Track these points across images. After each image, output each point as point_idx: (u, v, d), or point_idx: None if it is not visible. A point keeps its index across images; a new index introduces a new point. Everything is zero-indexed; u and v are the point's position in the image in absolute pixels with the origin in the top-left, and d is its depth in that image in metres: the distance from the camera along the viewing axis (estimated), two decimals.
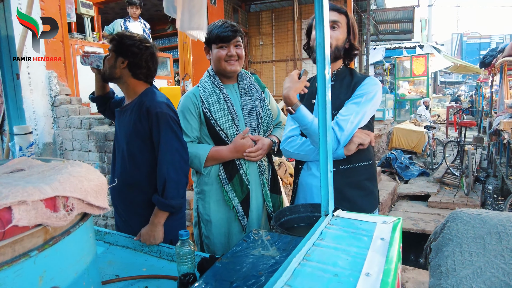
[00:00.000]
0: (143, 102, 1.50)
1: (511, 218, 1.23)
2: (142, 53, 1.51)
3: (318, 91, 0.99)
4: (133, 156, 1.53)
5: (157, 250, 1.51)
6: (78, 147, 3.44)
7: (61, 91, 3.61)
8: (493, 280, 1.06)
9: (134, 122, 1.50)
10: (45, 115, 3.51)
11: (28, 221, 0.63)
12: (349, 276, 0.69)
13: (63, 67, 3.78)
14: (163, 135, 1.44)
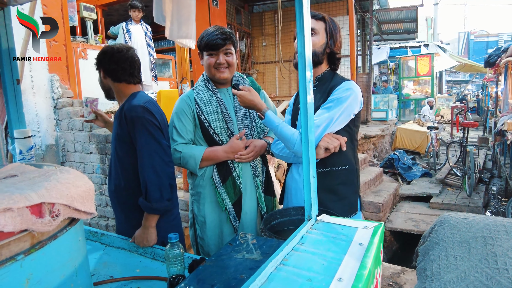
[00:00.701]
0: (122, 107, 1.56)
1: (497, 222, 1.24)
2: (109, 56, 1.57)
3: (300, 97, 1.01)
4: (121, 160, 1.57)
5: (151, 252, 1.55)
6: (80, 149, 3.50)
7: (63, 93, 3.67)
8: (476, 284, 1.08)
9: (117, 127, 1.55)
10: (47, 118, 3.57)
11: (13, 227, 0.66)
12: (322, 281, 0.71)
13: (65, 70, 3.84)
14: (139, 138, 1.46)
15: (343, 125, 1.48)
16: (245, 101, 1.50)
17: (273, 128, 1.48)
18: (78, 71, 3.97)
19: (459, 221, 1.28)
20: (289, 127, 1.49)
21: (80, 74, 4.00)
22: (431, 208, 5.16)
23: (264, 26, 9.00)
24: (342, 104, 1.43)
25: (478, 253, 1.16)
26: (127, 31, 4.44)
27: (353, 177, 1.56)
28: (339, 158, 1.50)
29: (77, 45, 4.08)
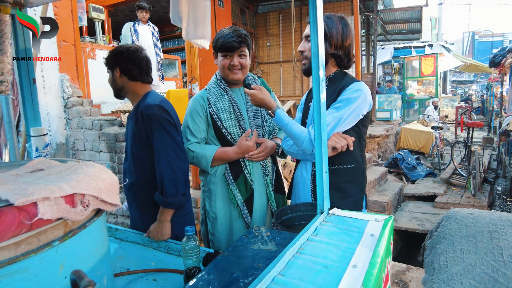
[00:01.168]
0: (138, 106, 1.61)
1: (502, 217, 1.28)
2: (126, 55, 1.63)
3: (313, 96, 1.06)
4: (137, 158, 1.63)
5: (165, 246, 1.60)
6: (90, 147, 3.56)
7: (73, 93, 3.74)
8: (483, 276, 1.12)
9: (133, 126, 1.61)
10: (58, 117, 3.64)
11: (51, 214, 0.71)
12: (338, 267, 0.76)
13: (74, 70, 3.91)
14: (156, 136, 1.53)
15: (352, 125, 1.52)
16: (256, 99, 1.55)
17: (283, 126, 1.53)
18: (87, 71, 4.04)
19: (466, 216, 1.32)
20: (298, 125, 1.53)
21: (89, 74, 4.06)
22: (435, 207, 5.17)
23: (268, 27, 9.04)
24: (351, 105, 1.47)
25: (484, 246, 1.20)
26: (134, 32, 4.50)
27: (359, 176, 1.60)
28: (346, 157, 1.54)
29: (86, 45, 4.14)
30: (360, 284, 0.68)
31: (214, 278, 0.89)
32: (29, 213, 0.69)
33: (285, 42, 8.93)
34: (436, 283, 1.13)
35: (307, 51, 1.60)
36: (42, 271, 0.72)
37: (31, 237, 0.71)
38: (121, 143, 3.25)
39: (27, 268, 0.69)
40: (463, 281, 1.11)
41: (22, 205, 0.68)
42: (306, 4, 8.46)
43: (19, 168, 1.04)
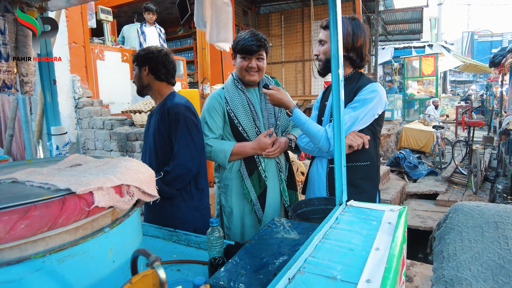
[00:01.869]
0: (165, 104, 1.71)
1: (507, 209, 1.36)
2: (157, 56, 1.73)
3: (333, 97, 1.14)
4: (158, 153, 1.72)
5: (185, 239, 1.67)
6: (100, 146, 3.64)
7: (83, 93, 3.81)
8: (490, 263, 1.20)
9: (157, 122, 1.70)
10: (69, 117, 3.72)
11: (104, 203, 0.79)
12: (362, 250, 0.84)
13: (84, 71, 3.99)
14: (178, 132, 1.65)
15: (367, 124, 1.60)
16: (274, 99, 1.62)
17: (300, 125, 1.60)
18: (96, 71, 4.12)
19: (472, 208, 1.40)
20: (315, 124, 1.61)
21: (97, 75, 4.14)
22: (437, 205, 5.26)
23: (270, 27, 9.12)
24: (367, 105, 1.55)
25: (490, 236, 1.28)
26: (141, 33, 4.58)
27: (373, 173, 1.68)
28: (361, 155, 1.61)
29: (95, 46, 4.22)
30: (385, 263, 0.76)
31: (246, 262, 0.97)
32: (87, 201, 0.76)
33: (287, 42, 9.02)
34: (446, 270, 1.21)
35: (321, 54, 1.68)
36: (96, 254, 0.80)
37: (87, 223, 0.78)
38: (132, 142, 3.33)
39: (85, 250, 0.77)
40: (471, 268, 1.19)
41: (82, 194, 0.76)
42: (309, 5, 8.54)
43: (58, 163, 1.12)
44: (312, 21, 7.56)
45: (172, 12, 8.43)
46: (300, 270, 0.76)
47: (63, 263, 0.74)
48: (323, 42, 1.68)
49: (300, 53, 8.86)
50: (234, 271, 0.93)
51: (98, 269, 0.81)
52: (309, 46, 8.76)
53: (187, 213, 1.73)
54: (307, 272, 0.75)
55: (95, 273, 0.80)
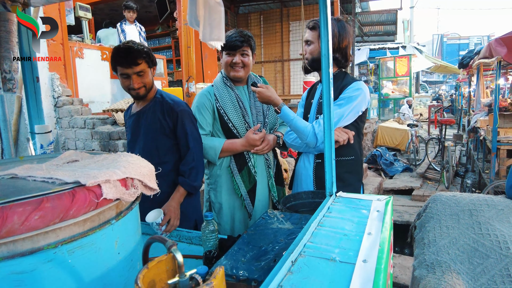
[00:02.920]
0: (164, 102, 1.71)
1: (480, 198, 1.48)
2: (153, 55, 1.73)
3: (323, 94, 1.20)
4: (159, 151, 1.72)
5: (176, 235, 1.69)
6: (82, 146, 3.57)
7: (63, 92, 3.72)
8: (465, 246, 1.30)
9: (159, 120, 1.69)
10: (48, 116, 3.62)
11: (112, 195, 0.81)
12: (356, 235, 0.90)
13: (63, 69, 3.89)
14: (188, 128, 1.68)
15: (352, 120, 1.68)
16: (263, 97, 1.68)
17: (289, 121, 1.67)
18: (75, 70, 4.03)
19: (449, 198, 1.51)
20: (302, 120, 1.68)
21: (76, 73, 4.05)
22: (413, 200, 5.49)
23: (250, 27, 9.17)
24: (352, 102, 1.63)
25: (465, 222, 1.39)
26: (122, 31, 4.51)
27: (358, 167, 1.76)
28: (347, 150, 1.70)
29: (74, 44, 4.12)
30: (378, 245, 0.83)
31: (245, 250, 1.02)
32: (96, 193, 0.79)
33: (266, 42, 9.10)
34: (427, 255, 1.31)
35: (307, 54, 1.75)
36: (103, 246, 0.82)
37: (94, 215, 0.81)
38: (115, 141, 3.28)
39: (93, 242, 0.79)
40: (450, 252, 1.29)
41: (91, 186, 0.78)
42: (288, 6, 8.66)
43: (55, 159, 1.13)
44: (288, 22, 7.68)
45: (150, 10, 8.32)
46: (301, 254, 0.81)
47: (73, 254, 0.76)
48: (309, 42, 1.75)
49: (279, 53, 8.97)
50: (235, 259, 0.98)
51: (105, 260, 0.84)
52: (288, 46, 8.88)
53: (188, 206, 1.75)
54: (308, 255, 0.81)
55: (102, 264, 0.83)
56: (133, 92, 1.67)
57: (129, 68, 1.60)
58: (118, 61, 1.61)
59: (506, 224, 1.33)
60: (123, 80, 1.65)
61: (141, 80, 1.64)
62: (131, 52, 1.58)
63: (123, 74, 1.62)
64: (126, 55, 1.59)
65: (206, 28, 1.37)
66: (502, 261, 1.21)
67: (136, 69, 1.61)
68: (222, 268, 0.61)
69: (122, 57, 1.59)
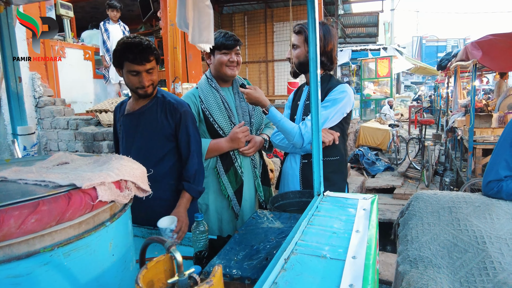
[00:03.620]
0: (166, 102, 1.63)
1: (458, 195, 1.55)
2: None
3: (311, 98, 1.24)
4: (157, 151, 1.65)
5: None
6: (64, 147, 3.49)
7: (44, 92, 3.63)
8: (445, 242, 1.37)
9: (161, 120, 1.61)
10: (29, 117, 3.52)
11: (107, 197, 0.82)
12: (344, 233, 0.94)
13: (44, 68, 3.80)
14: (190, 131, 1.63)
15: (337, 122, 1.73)
16: (251, 98, 1.70)
17: (276, 122, 1.70)
18: (57, 69, 3.94)
19: (430, 196, 1.58)
20: (289, 121, 1.71)
21: (58, 73, 3.96)
22: (394, 198, 5.64)
23: (234, 27, 9.17)
24: (337, 104, 1.68)
25: (445, 219, 1.46)
26: (105, 30, 4.44)
27: (342, 167, 1.82)
28: (332, 150, 1.74)
29: (55, 43, 4.03)
30: (366, 242, 0.87)
31: (237, 250, 1.04)
32: (91, 196, 0.79)
33: (250, 43, 9.12)
34: (410, 251, 1.37)
35: (294, 58, 1.78)
36: (98, 248, 0.83)
37: (89, 218, 0.81)
38: (99, 142, 3.23)
39: (88, 244, 0.80)
40: (431, 247, 1.36)
41: (86, 189, 0.78)
42: (272, 7, 8.72)
43: (44, 162, 1.12)
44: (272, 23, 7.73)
45: (133, 9, 8.19)
46: (293, 251, 0.85)
47: (68, 256, 0.76)
48: (295, 46, 1.79)
49: (264, 54, 9.01)
50: (228, 258, 1.00)
51: (100, 262, 0.84)
52: (272, 47, 8.93)
53: (190, 210, 1.73)
54: (300, 253, 0.84)
55: (97, 266, 0.84)
56: (141, 91, 1.56)
57: (141, 65, 1.49)
58: (128, 57, 1.48)
59: (483, 220, 1.41)
60: (131, 78, 1.53)
61: (151, 78, 1.55)
62: (143, 48, 1.47)
63: (132, 71, 1.50)
64: (138, 51, 1.46)
65: (195, 31, 1.38)
66: (479, 255, 1.28)
67: (148, 66, 1.51)
68: (220, 266, 0.63)
69: (134, 53, 1.47)
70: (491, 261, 1.23)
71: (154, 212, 1.70)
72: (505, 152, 1.47)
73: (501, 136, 1.53)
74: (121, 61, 1.52)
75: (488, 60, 4.21)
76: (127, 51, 1.47)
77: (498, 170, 1.47)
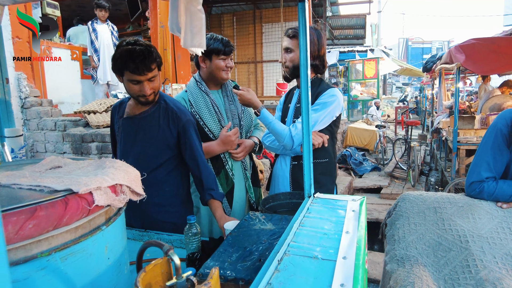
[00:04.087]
0: (169, 109, 1.59)
1: (443, 196, 1.61)
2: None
3: (302, 101, 1.27)
4: (157, 158, 1.61)
5: (157, 238, 1.71)
6: (52, 149, 3.44)
7: (30, 93, 3.57)
8: (431, 241, 1.42)
9: (163, 128, 1.58)
10: (15, 118, 3.45)
11: (103, 202, 0.83)
12: (335, 234, 0.98)
13: (30, 68, 3.74)
14: (195, 139, 1.60)
15: (327, 125, 1.77)
16: (244, 99, 1.73)
17: (267, 124, 1.73)
18: (43, 69, 3.88)
19: (417, 197, 1.63)
20: (280, 123, 1.75)
21: (45, 73, 3.90)
22: (381, 198, 5.74)
23: (223, 28, 9.18)
24: (327, 108, 1.72)
25: (431, 219, 1.51)
26: (93, 30, 4.39)
27: (332, 169, 1.86)
28: (321, 152, 1.78)
29: (41, 42, 3.97)
30: (355, 243, 0.91)
31: (230, 251, 1.06)
32: (88, 201, 0.80)
33: (239, 44, 9.14)
34: (397, 250, 1.41)
35: (288, 62, 1.81)
36: (94, 252, 0.84)
37: (85, 222, 0.82)
38: (87, 144, 3.20)
39: (85, 248, 0.81)
40: (417, 247, 1.41)
41: (83, 194, 0.79)
42: (260, 8, 8.75)
43: (36, 165, 1.12)
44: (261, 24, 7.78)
45: (120, 8, 8.12)
46: (286, 253, 0.87)
47: (65, 261, 0.77)
48: (290, 50, 1.82)
49: (252, 55, 9.04)
50: (221, 260, 1.02)
51: (96, 266, 0.85)
52: (261, 48, 8.98)
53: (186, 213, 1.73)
54: (292, 254, 0.87)
55: (93, 269, 0.85)
56: (142, 99, 1.51)
57: (143, 75, 1.42)
58: (129, 66, 1.40)
59: (466, 219, 1.47)
60: (132, 86, 1.47)
61: (152, 86, 1.49)
62: (145, 57, 1.40)
63: (133, 80, 1.44)
64: (140, 60, 1.39)
65: (188, 35, 1.39)
66: (462, 253, 1.33)
67: (149, 75, 1.44)
68: (217, 269, 0.65)
69: (135, 63, 1.39)
70: (473, 259, 1.29)
71: (149, 217, 1.70)
72: (486, 154, 1.53)
73: (482, 139, 1.60)
74: (121, 70, 1.45)
75: (471, 63, 4.34)
76: (128, 60, 1.40)
77: (480, 171, 1.53)
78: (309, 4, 6.10)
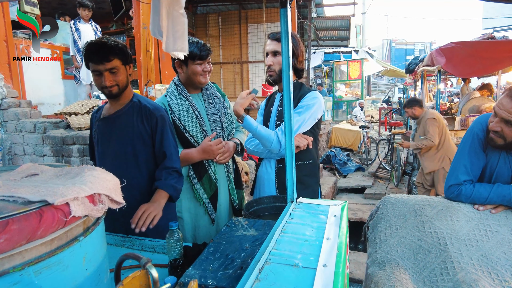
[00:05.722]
0: (142, 106, 1.65)
1: (423, 199, 1.64)
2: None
3: (284, 105, 1.28)
4: (136, 157, 1.64)
5: (139, 244, 1.68)
6: (31, 151, 3.34)
7: (8, 93, 3.46)
8: (411, 244, 1.45)
9: (137, 124, 1.62)
10: None
11: (80, 212, 0.81)
12: (316, 240, 0.98)
13: (7, 68, 3.63)
14: (167, 134, 1.64)
15: (310, 127, 1.79)
16: None
17: (252, 130, 1.72)
18: (21, 69, 3.76)
19: (398, 200, 1.66)
20: (265, 128, 1.75)
21: (23, 73, 3.79)
22: (365, 198, 5.83)
23: (208, 28, 9.12)
24: (310, 110, 1.74)
25: (411, 222, 1.54)
26: (76, 30, 4.28)
27: (316, 170, 1.88)
28: (305, 154, 1.80)
29: (19, 41, 3.85)
30: (336, 250, 0.91)
31: (212, 259, 1.05)
32: (64, 212, 0.78)
33: (224, 44, 9.10)
34: (378, 253, 1.43)
35: (275, 65, 1.81)
36: (71, 263, 0.82)
37: (62, 234, 0.80)
38: (69, 147, 3.12)
39: (61, 260, 0.79)
40: (398, 250, 1.43)
41: (58, 205, 0.77)
42: (246, 8, 8.74)
43: (11, 173, 1.08)
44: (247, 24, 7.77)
45: (103, 7, 7.96)
46: (267, 261, 0.87)
47: (40, 274, 0.75)
48: (277, 53, 1.81)
49: (238, 55, 9.02)
50: (203, 268, 1.01)
51: (73, 278, 0.83)
52: (246, 48, 8.96)
53: (168, 213, 1.71)
54: (273, 262, 0.87)
55: (70, 281, 0.82)
56: (105, 91, 1.58)
57: (101, 65, 1.51)
58: (89, 57, 1.51)
59: (444, 222, 1.50)
60: (95, 78, 1.56)
61: (114, 78, 1.55)
62: (102, 48, 1.50)
63: (95, 71, 1.53)
64: (97, 51, 1.50)
65: (170, 39, 1.38)
66: (441, 255, 1.36)
67: (108, 65, 1.51)
68: (196, 281, 0.65)
69: (93, 53, 1.50)
70: (451, 261, 1.32)
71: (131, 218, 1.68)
72: (464, 158, 1.57)
73: (460, 143, 1.64)
74: (87, 63, 1.54)
75: (451, 66, 4.45)
76: (88, 51, 1.51)
77: (458, 175, 1.57)
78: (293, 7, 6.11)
